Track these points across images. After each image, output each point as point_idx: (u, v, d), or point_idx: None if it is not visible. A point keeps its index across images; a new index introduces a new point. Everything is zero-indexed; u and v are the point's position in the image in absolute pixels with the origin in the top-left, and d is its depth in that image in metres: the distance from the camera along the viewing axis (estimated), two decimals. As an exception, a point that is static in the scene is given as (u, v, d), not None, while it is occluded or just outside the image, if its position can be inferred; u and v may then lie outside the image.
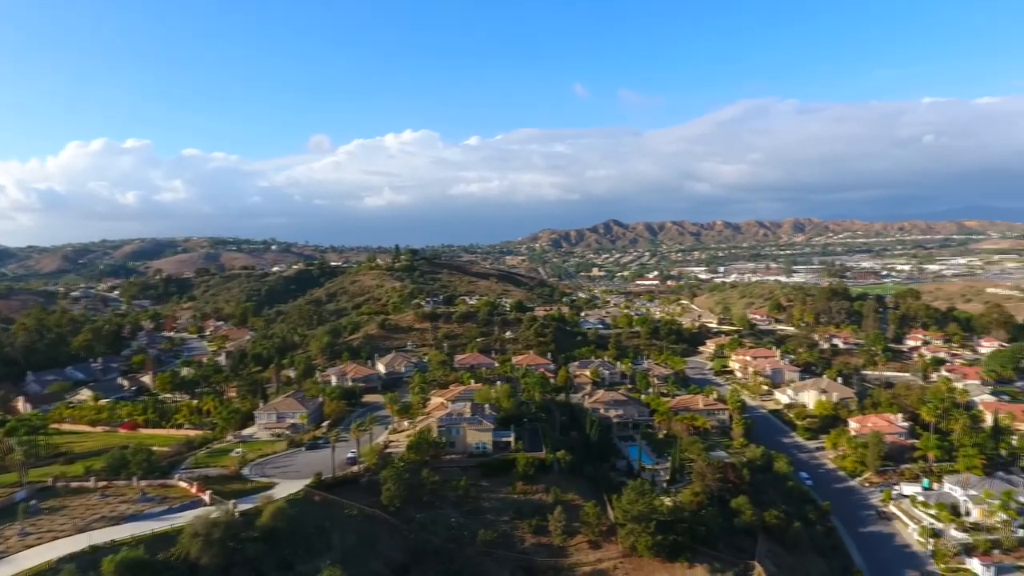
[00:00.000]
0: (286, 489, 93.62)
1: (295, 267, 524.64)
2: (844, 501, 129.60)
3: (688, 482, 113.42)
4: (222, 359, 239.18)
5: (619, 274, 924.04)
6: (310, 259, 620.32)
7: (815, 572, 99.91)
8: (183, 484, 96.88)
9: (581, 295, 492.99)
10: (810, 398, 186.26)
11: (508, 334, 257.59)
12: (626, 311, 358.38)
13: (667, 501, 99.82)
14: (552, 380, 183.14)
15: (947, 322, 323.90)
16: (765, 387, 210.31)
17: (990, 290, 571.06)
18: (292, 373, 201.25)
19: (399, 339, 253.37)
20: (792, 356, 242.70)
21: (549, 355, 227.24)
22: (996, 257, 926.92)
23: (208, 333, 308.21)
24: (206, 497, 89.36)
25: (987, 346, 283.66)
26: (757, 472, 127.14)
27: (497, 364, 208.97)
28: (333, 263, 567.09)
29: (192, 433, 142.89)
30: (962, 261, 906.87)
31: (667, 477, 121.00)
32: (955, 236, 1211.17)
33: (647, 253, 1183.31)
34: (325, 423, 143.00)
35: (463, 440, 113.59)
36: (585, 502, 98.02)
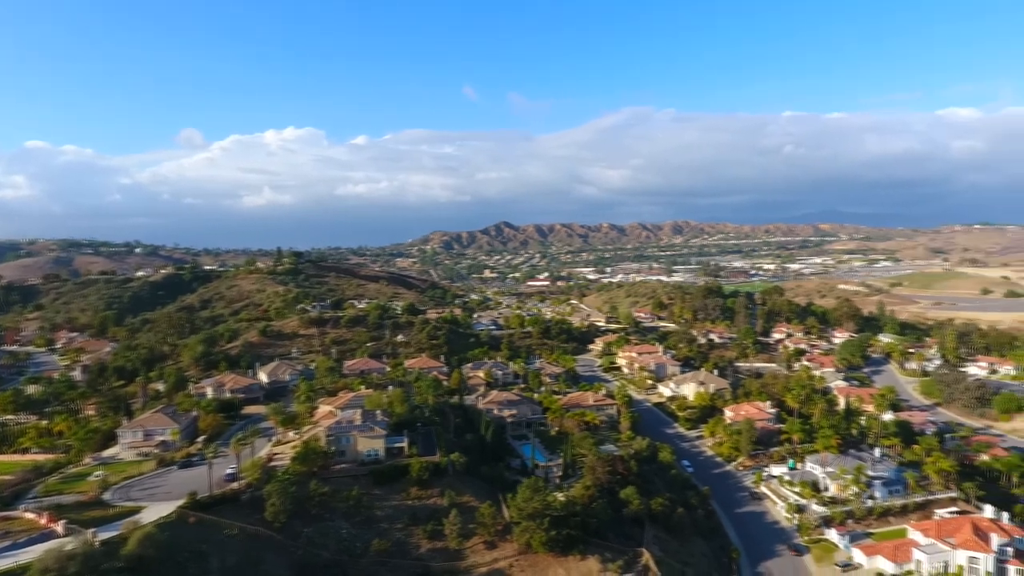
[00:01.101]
0: (156, 512, 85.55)
1: (163, 271, 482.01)
2: (722, 485, 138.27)
3: (580, 477, 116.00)
4: (77, 374, 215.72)
5: (511, 275, 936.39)
6: (181, 263, 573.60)
7: (697, 554, 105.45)
8: (30, 515, 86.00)
9: (473, 297, 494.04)
10: (690, 390, 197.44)
11: (400, 338, 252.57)
12: (518, 312, 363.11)
13: (560, 496, 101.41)
14: (446, 383, 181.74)
15: (806, 316, 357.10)
16: (650, 381, 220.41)
17: (841, 286, 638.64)
18: (161, 386, 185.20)
19: (283, 346, 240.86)
20: (673, 351, 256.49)
21: (442, 358, 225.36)
22: (846, 257, 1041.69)
23: (60, 346, 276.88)
24: (59, 528, 79.80)
25: (840, 337, 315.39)
26: (644, 463, 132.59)
27: (389, 369, 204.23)
28: (208, 267, 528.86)
29: (41, 458, 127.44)
30: (818, 261, 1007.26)
31: (560, 473, 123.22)
32: (812, 238, 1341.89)
33: (538, 255, 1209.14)
34: (200, 439, 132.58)
35: (354, 448, 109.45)
36: (481, 503, 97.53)
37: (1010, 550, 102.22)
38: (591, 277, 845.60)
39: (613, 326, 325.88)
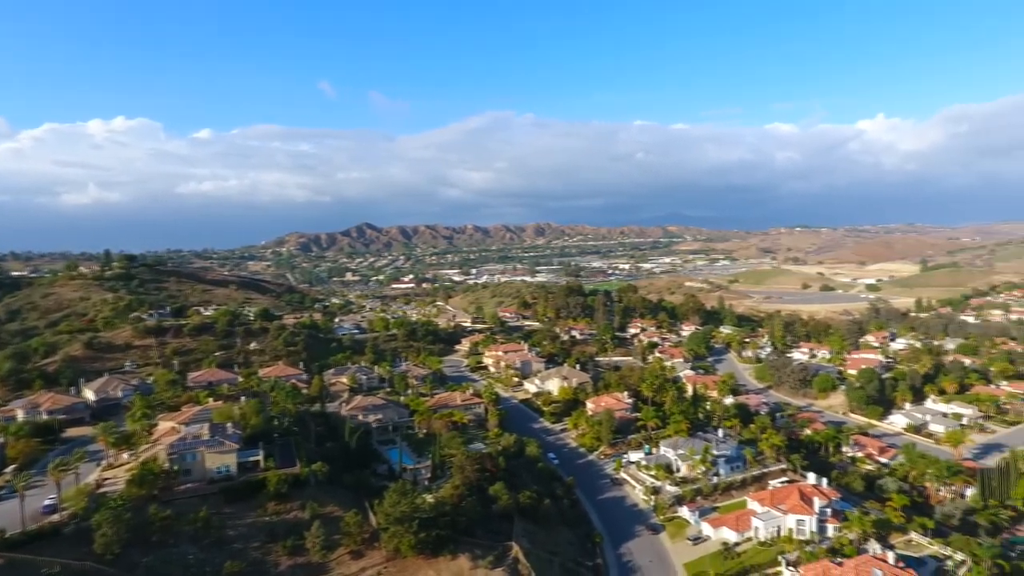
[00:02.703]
0: (-53, 559, 72.29)
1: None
2: (585, 474, 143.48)
3: (449, 477, 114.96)
4: None
5: (374, 278, 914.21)
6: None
7: (563, 542, 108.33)
8: None
9: (335, 301, 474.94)
10: (554, 385, 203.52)
11: (253, 345, 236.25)
12: (382, 315, 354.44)
13: (429, 498, 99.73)
14: (305, 390, 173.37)
15: (658, 312, 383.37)
16: (516, 379, 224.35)
17: (687, 284, 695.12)
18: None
19: (114, 359, 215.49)
20: (538, 348, 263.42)
21: (301, 364, 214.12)
22: (691, 257, 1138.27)
23: None
24: None
25: (687, 330, 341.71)
26: (511, 458, 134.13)
27: (241, 379, 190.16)
28: (15, 273, 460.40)
29: None
30: (667, 260, 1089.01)
31: (429, 475, 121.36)
32: (661, 239, 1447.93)
33: (402, 257, 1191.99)
34: (9, 468, 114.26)
35: (201, 465, 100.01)
36: (346, 512, 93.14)
37: (829, 511, 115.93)
38: (457, 279, 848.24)
39: (479, 326, 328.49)
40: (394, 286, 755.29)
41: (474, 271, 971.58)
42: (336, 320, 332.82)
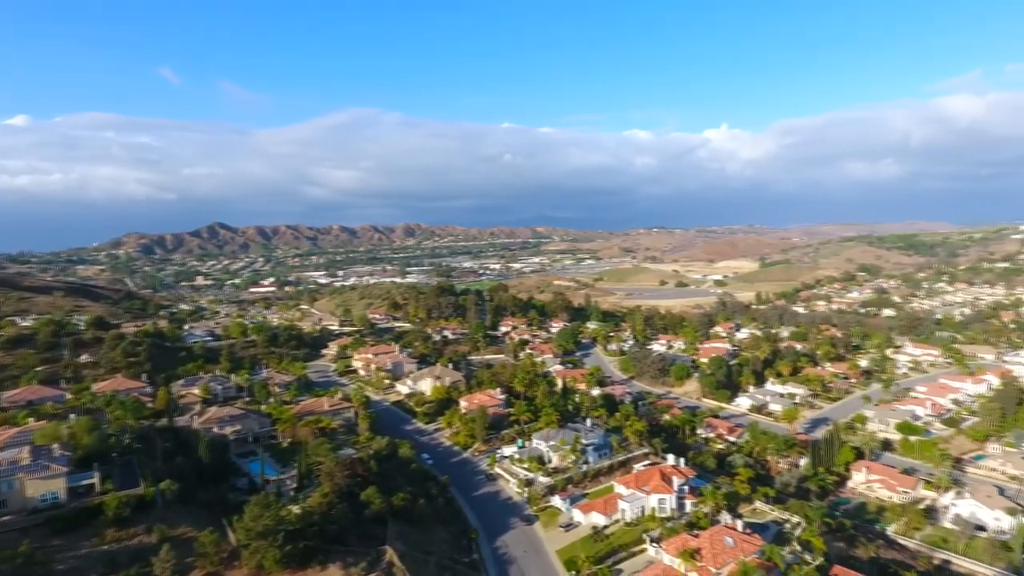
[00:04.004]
0: None
1: None
2: (460, 472, 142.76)
3: (317, 485, 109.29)
4: None
5: (230, 282, 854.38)
6: None
7: (439, 541, 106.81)
8: None
9: (184, 307, 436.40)
10: (427, 385, 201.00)
11: (85, 358, 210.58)
12: (240, 320, 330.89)
13: (295, 509, 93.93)
14: (150, 404, 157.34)
15: (528, 310, 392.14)
16: (388, 381, 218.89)
17: (556, 282, 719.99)
18: None
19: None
20: (410, 349, 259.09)
21: (145, 376, 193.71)
22: (559, 256, 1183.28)
23: None
24: None
25: (556, 326, 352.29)
26: (384, 461, 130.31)
27: (71, 395, 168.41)
28: None
29: None
30: (536, 260, 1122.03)
31: (295, 485, 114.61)
32: (530, 240, 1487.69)
33: (261, 259, 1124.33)
34: None
35: (20, 494, 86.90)
36: (200, 531, 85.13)
37: (687, 488, 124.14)
38: (322, 281, 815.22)
39: (348, 329, 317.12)
40: (253, 290, 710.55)
41: (341, 273, 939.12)
42: (186, 327, 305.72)
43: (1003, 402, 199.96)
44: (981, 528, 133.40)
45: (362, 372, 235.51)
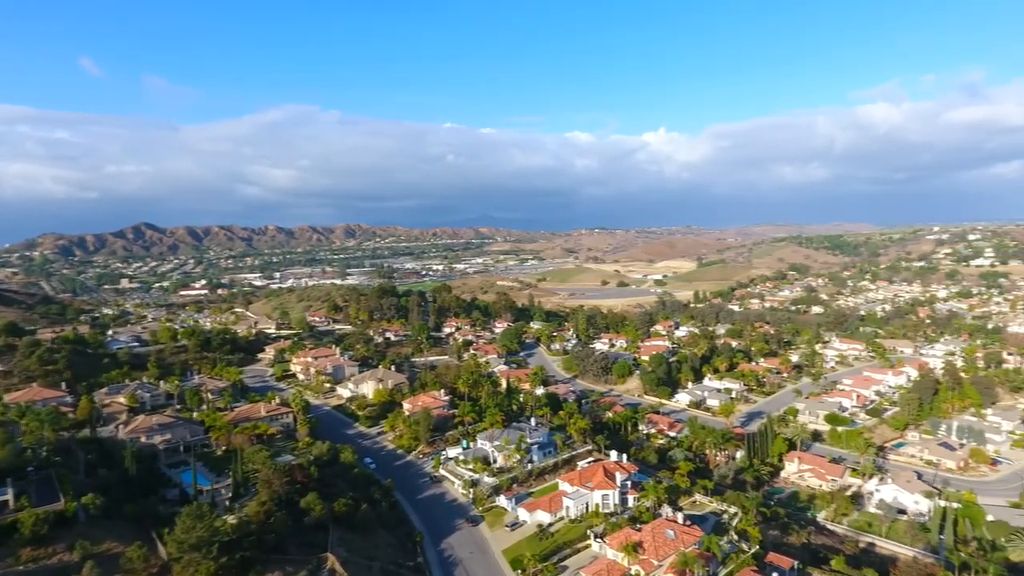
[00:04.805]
0: None
1: None
2: (404, 475, 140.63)
3: (254, 494, 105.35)
4: None
5: (158, 285, 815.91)
6: None
7: (383, 545, 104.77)
8: None
9: (107, 311, 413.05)
10: (369, 388, 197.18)
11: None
12: (169, 324, 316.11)
13: (231, 519, 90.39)
14: (71, 415, 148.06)
15: (472, 310, 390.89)
16: (328, 385, 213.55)
17: (499, 283, 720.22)
18: None
19: None
20: (351, 352, 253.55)
21: (64, 385, 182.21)
22: (502, 257, 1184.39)
23: None
24: None
25: (500, 326, 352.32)
26: (325, 467, 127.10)
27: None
28: None
29: None
30: (480, 261, 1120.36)
31: (230, 494, 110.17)
32: (474, 240, 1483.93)
33: (192, 260, 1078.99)
34: None
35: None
36: (127, 546, 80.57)
37: (629, 483, 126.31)
38: (258, 283, 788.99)
39: (285, 332, 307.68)
40: (183, 293, 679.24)
41: (278, 275, 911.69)
42: (110, 333, 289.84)
43: (920, 392, 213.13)
44: (902, 511, 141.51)
45: (301, 376, 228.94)
